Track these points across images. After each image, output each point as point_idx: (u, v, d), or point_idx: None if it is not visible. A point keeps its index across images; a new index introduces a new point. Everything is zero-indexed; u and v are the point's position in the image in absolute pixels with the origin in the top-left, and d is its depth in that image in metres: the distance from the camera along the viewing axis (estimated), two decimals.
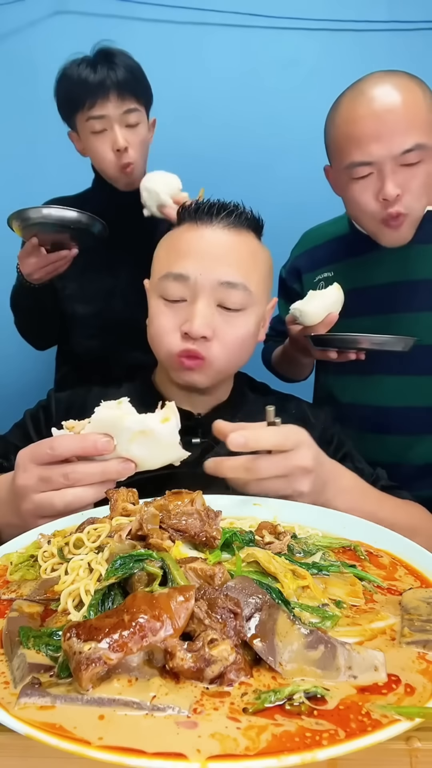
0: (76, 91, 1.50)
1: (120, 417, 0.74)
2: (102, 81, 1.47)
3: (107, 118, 1.50)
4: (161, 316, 1.01)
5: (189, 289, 0.99)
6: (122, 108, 1.50)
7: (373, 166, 1.19)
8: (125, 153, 1.53)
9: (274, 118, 2.23)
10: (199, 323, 0.96)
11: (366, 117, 1.18)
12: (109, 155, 1.54)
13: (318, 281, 1.53)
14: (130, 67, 1.52)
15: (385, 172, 1.18)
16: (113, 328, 1.65)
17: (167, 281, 1.00)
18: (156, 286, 1.03)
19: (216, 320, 0.99)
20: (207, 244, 1.00)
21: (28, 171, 2.22)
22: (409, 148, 1.16)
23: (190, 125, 2.22)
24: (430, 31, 2.17)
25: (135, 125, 1.54)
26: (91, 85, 1.48)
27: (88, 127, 1.53)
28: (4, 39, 2.18)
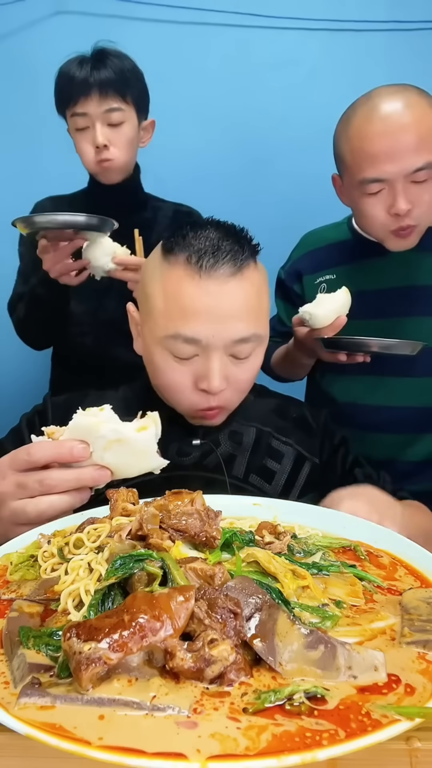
0: (65, 88, 1.53)
1: (96, 424, 0.74)
2: (85, 78, 1.49)
3: (89, 115, 1.52)
4: (173, 372, 0.99)
5: (201, 348, 0.95)
6: (104, 106, 1.51)
7: (385, 182, 1.23)
8: (104, 150, 1.54)
9: (274, 118, 2.23)
10: (217, 381, 0.95)
11: (380, 135, 1.20)
12: (89, 151, 1.56)
13: (320, 283, 1.54)
14: (119, 68, 1.53)
15: (397, 188, 1.22)
16: (107, 326, 1.65)
17: (177, 342, 0.95)
18: (161, 340, 0.98)
19: (230, 370, 0.98)
20: (215, 301, 0.93)
21: (28, 170, 2.22)
22: (421, 167, 1.20)
23: (190, 125, 2.22)
24: (430, 31, 2.17)
25: (118, 124, 1.54)
26: (75, 83, 1.50)
27: (73, 124, 1.56)
28: (4, 39, 2.18)
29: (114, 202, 1.62)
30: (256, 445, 1.10)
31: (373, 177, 1.23)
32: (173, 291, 0.95)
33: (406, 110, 1.20)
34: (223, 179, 2.16)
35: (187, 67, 2.21)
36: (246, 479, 1.06)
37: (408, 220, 1.26)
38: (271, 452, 1.10)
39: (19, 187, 2.01)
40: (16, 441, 1.09)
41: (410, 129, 1.19)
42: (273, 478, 1.08)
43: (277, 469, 1.08)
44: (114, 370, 1.62)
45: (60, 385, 1.82)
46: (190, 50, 2.21)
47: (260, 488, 1.06)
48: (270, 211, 2.16)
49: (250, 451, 1.09)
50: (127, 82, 1.54)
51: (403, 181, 1.22)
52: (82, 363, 1.72)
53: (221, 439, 1.09)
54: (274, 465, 1.09)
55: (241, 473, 1.07)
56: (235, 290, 0.94)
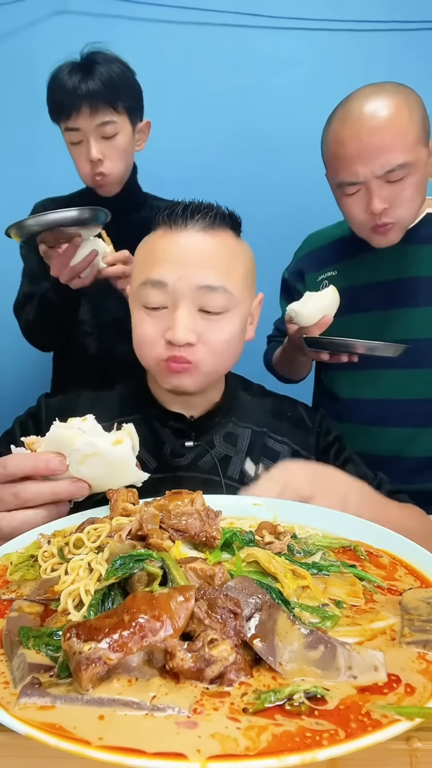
0: (57, 98, 1.51)
1: (71, 437, 0.73)
2: (73, 91, 1.47)
3: (82, 130, 1.51)
4: (143, 324, 1.00)
5: (168, 296, 0.97)
6: (96, 120, 1.49)
7: (360, 184, 1.27)
8: (99, 164, 1.53)
9: (275, 117, 2.23)
10: (181, 331, 0.94)
11: (351, 139, 1.24)
12: (84, 165, 1.56)
13: (321, 280, 1.55)
14: (107, 76, 1.50)
15: (372, 189, 1.26)
16: (109, 326, 1.65)
17: (146, 288, 0.98)
18: (136, 293, 1.01)
19: (199, 325, 0.97)
20: (183, 248, 0.98)
21: (28, 170, 2.22)
22: (392, 169, 1.23)
23: (190, 125, 2.22)
24: (430, 31, 2.17)
25: (111, 137, 1.53)
26: (65, 96, 1.48)
27: (67, 138, 1.55)
28: (4, 39, 2.18)
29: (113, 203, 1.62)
30: (251, 445, 1.10)
31: (347, 180, 1.28)
32: (150, 247, 1.02)
33: (378, 112, 1.22)
34: (222, 179, 2.16)
35: (187, 67, 2.21)
36: (241, 480, 1.06)
37: (385, 218, 1.29)
38: (267, 452, 1.10)
39: (19, 187, 2.01)
40: (8, 445, 1.10)
41: (381, 131, 1.21)
42: None
43: None
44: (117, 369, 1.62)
45: (61, 385, 1.82)
46: (190, 50, 2.21)
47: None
48: (270, 210, 2.16)
49: (245, 451, 1.09)
50: (117, 90, 1.51)
51: (377, 182, 1.25)
52: (84, 363, 1.71)
53: (216, 440, 1.08)
54: (270, 464, 1.09)
55: (236, 474, 1.07)
56: (205, 242, 0.98)
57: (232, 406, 1.13)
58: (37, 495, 0.74)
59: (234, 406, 1.13)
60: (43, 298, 1.55)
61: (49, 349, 1.81)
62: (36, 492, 0.74)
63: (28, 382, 2.24)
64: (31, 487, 0.74)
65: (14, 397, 2.01)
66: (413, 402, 1.43)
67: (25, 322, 1.66)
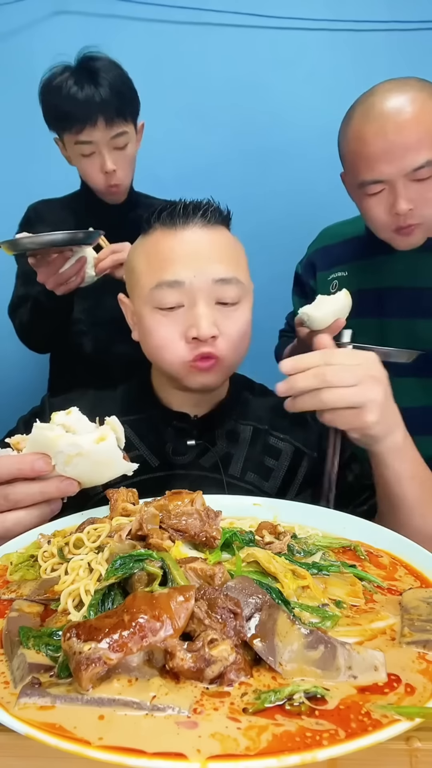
0: (63, 110, 1.48)
1: (53, 440, 0.72)
2: (88, 103, 1.44)
3: (95, 143, 1.50)
4: (160, 327, 1.00)
5: (185, 294, 0.97)
6: (110, 133, 1.49)
7: (385, 183, 1.21)
8: (113, 175, 1.53)
9: (274, 118, 2.23)
10: (206, 325, 0.95)
11: (375, 136, 1.18)
12: (97, 176, 1.55)
13: (332, 280, 1.53)
14: (115, 83, 1.48)
15: (397, 188, 1.20)
16: (106, 325, 1.64)
17: (161, 290, 0.98)
18: (147, 297, 1.00)
19: (218, 318, 0.98)
20: (191, 245, 0.99)
21: (28, 169, 2.22)
22: (420, 166, 1.17)
23: (190, 125, 2.22)
24: (430, 31, 2.17)
25: (123, 147, 1.53)
26: (77, 107, 1.45)
27: (77, 150, 1.53)
28: (4, 39, 2.18)
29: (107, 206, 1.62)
30: (252, 443, 1.10)
31: (371, 179, 1.22)
32: (153, 249, 1.01)
33: (404, 108, 1.17)
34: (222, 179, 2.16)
35: (186, 67, 2.21)
36: (243, 478, 1.06)
37: (410, 219, 1.23)
38: (269, 450, 1.10)
39: (18, 186, 2.01)
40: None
41: (408, 127, 1.16)
42: (270, 475, 1.08)
43: (275, 466, 1.08)
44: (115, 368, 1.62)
45: (59, 385, 1.82)
46: (190, 50, 2.20)
47: (258, 486, 1.06)
48: (270, 210, 2.16)
49: (247, 449, 1.09)
50: (125, 98, 1.51)
51: (403, 181, 1.19)
52: (81, 362, 1.71)
53: (217, 438, 1.09)
54: (271, 462, 1.09)
55: (237, 472, 1.07)
56: (210, 238, 1.00)
57: (235, 405, 1.13)
58: (26, 496, 0.74)
59: (237, 405, 1.13)
60: (36, 302, 1.54)
61: (45, 350, 1.80)
62: (25, 493, 0.74)
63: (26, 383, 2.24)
64: (20, 488, 0.74)
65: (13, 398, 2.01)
66: (419, 410, 1.41)
67: (20, 324, 1.66)
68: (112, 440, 0.75)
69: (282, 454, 1.10)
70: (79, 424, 0.75)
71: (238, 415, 1.12)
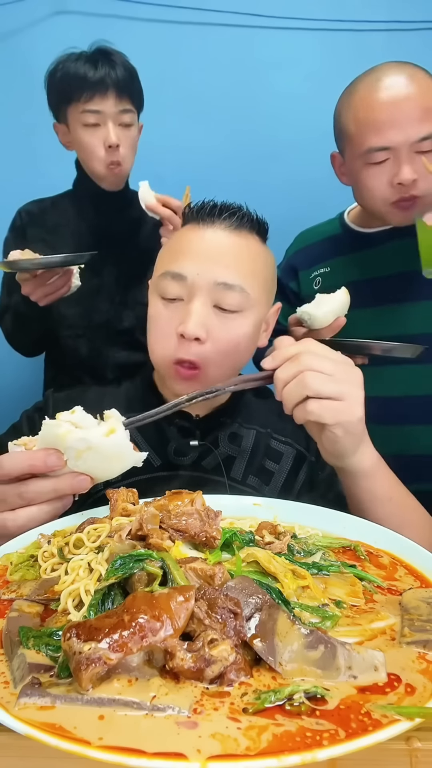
0: (75, 84, 1.50)
1: (62, 436, 0.72)
2: (103, 77, 1.48)
3: (103, 113, 1.50)
4: (159, 318, 1.01)
5: (186, 289, 0.98)
6: (119, 107, 1.51)
7: (390, 151, 1.24)
8: (116, 150, 1.53)
9: (274, 118, 2.23)
10: (193, 323, 0.94)
11: (385, 103, 1.23)
12: (99, 150, 1.54)
13: (314, 277, 1.55)
14: (129, 69, 1.54)
15: (402, 157, 1.23)
16: (101, 328, 1.64)
17: (165, 280, 0.99)
18: (155, 284, 1.02)
19: (211, 321, 0.97)
20: (207, 244, 0.99)
21: (27, 169, 2.22)
22: (426, 136, 1.21)
23: (190, 125, 2.22)
24: (430, 31, 2.17)
25: (128, 125, 1.54)
26: (91, 80, 1.48)
27: (82, 119, 1.52)
28: (4, 39, 2.18)
29: (101, 203, 1.61)
30: (255, 447, 1.09)
31: (378, 146, 1.24)
32: (176, 240, 1.05)
33: (409, 82, 1.23)
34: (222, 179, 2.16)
35: (186, 67, 2.20)
36: (244, 481, 1.06)
37: (413, 190, 1.25)
38: (270, 453, 1.10)
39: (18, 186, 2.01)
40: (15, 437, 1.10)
41: (414, 99, 1.21)
42: (271, 478, 1.08)
43: (276, 470, 1.08)
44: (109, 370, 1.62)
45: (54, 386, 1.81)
46: (190, 50, 2.20)
47: (258, 490, 1.05)
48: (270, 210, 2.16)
49: (249, 453, 1.09)
50: (134, 83, 1.55)
51: (408, 150, 1.23)
52: (77, 365, 1.70)
53: (220, 440, 1.08)
54: (272, 465, 1.08)
55: (239, 475, 1.07)
56: (229, 241, 1.00)
57: (238, 407, 1.13)
58: (40, 493, 0.74)
59: (240, 407, 1.13)
60: (15, 311, 1.55)
61: (33, 354, 1.79)
62: (39, 490, 0.74)
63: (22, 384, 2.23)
64: (33, 485, 0.74)
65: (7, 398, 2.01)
66: (416, 399, 1.42)
67: (5, 331, 1.66)
68: (121, 432, 0.75)
69: (283, 457, 1.10)
70: (84, 422, 0.75)
71: (241, 417, 1.12)
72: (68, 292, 1.44)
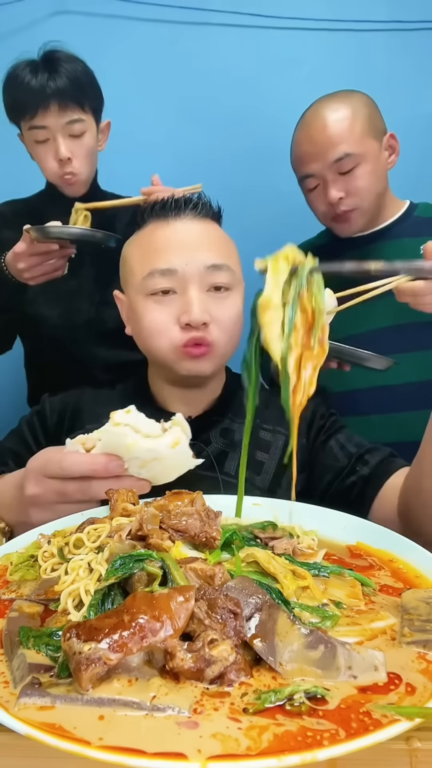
0: (19, 97, 1.48)
1: (130, 446, 0.74)
2: (42, 89, 1.44)
3: (49, 128, 1.48)
4: (152, 313, 1.02)
5: (178, 282, 1.00)
6: (64, 119, 1.47)
7: (317, 177, 1.46)
8: (68, 163, 1.51)
9: (275, 118, 2.23)
10: (197, 310, 0.98)
11: (304, 140, 1.47)
12: (51, 164, 1.53)
13: None
14: (74, 74, 1.48)
15: (327, 181, 1.44)
16: (81, 328, 1.62)
17: (154, 278, 1.01)
18: (139, 286, 1.03)
19: (210, 305, 1.00)
20: (183, 235, 1.03)
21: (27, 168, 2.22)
22: (339, 157, 1.41)
23: (189, 125, 2.22)
24: (430, 31, 2.17)
25: (79, 135, 1.51)
26: (31, 93, 1.45)
27: (32, 136, 1.51)
28: (4, 39, 2.18)
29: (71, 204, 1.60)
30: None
31: (304, 173, 1.48)
32: (146, 241, 1.06)
33: (328, 113, 1.43)
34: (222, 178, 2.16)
35: (186, 67, 2.20)
36: (237, 475, 1.06)
37: (343, 206, 1.45)
38: (259, 444, 1.10)
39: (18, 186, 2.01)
40: (19, 443, 1.12)
41: (329, 127, 1.42)
42: (261, 469, 1.08)
43: (266, 459, 1.09)
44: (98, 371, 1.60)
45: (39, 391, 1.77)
46: (190, 50, 2.20)
47: (250, 481, 1.05)
48: (270, 209, 2.16)
49: (241, 446, 1.09)
50: (84, 89, 1.49)
51: (330, 173, 1.43)
52: (61, 367, 1.66)
53: (212, 437, 1.09)
54: (262, 456, 1.09)
55: (232, 469, 1.07)
56: (201, 228, 1.05)
57: (230, 403, 1.13)
58: (101, 492, 0.76)
59: (232, 403, 1.13)
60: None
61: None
62: (101, 491, 0.76)
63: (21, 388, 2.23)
64: (96, 485, 0.76)
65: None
66: (407, 387, 1.47)
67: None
68: (186, 444, 0.77)
69: (272, 446, 1.10)
70: (141, 422, 0.77)
71: (232, 413, 1.12)
72: (62, 273, 1.44)
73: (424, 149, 2.11)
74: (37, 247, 1.34)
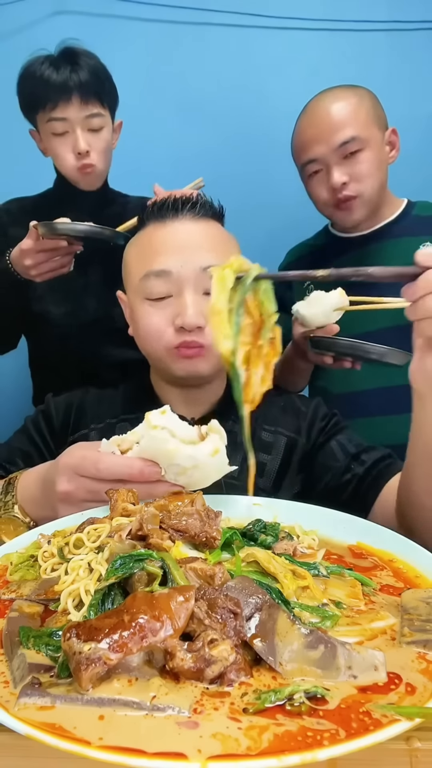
0: (38, 90, 1.48)
1: (170, 452, 0.74)
2: (65, 82, 1.45)
3: (69, 121, 1.48)
4: (149, 316, 1.02)
5: (173, 284, 1.00)
6: (85, 112, 1.48)
7: (320, 162, 1.44)
8: (86, 156, 1.51)
9: (274, 118, 2.23)
10: (191, 314, 0.97)
11: (308, 125, 1.47)
12: (69, 158, 1.53)
13: (308, 286, 1.58)
14: (94, 69, 1.50)
15: (330, 165, 1.42)
16: (90, 327, 1.62)
17: (149, 280, 1.01)
18: (137, 288, 1.03)
19: (205, 308, 0.98)
20: (180, 236, 1.02)
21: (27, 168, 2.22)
22: (345, 141, 1.40)
23: (190, 125, 2.22)
24: (430, 31, 2.17)
25: (98, 129, 1.52)
26: (53, 86, 1.45)
27: (49, 128, 1.51)
28: (4, 39, 2.18)
29: (82, 202, 1.60)
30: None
31: (307, 159, 1.46)
32: (145, 242, 1.06)
33: (332, 100, 1.44)
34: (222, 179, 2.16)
35: (186, 67, 2.20)
36: (239, 477, 1.06)
37: (347, 191, 1.43)
38: (261, 445, 1.10)
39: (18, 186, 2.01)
40: (28, 443, 1.12)
41: (333, 112, 1.42)
42: (264, 470, 1.08)
43: (268, 461, 1.09)
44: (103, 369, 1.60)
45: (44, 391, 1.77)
46: (190, 50, 2.20)
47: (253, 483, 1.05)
48: (269, 210, 2.16)
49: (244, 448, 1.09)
50: (103, 85, 1.51)
51: (334, 157, 1.41)
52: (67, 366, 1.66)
53: None
54: (264, 457, 1.09)
55: (234, 471, 1.07)
56: (199, 229, 1.04)
57: (232, 405, 1.13)
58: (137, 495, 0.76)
59: (234, 405, 1.13)
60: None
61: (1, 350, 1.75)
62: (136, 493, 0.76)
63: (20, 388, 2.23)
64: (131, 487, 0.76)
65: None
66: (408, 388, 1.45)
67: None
68: (224, 451, 0.78)
69: (273, 447, 1.10)
70: (177, 425, 0.77)
71: (234, 415, 1.12)
72: (68, 270, 1.43)
73: (423, 149, 2.11)
74: (44, 244, 1.34)
